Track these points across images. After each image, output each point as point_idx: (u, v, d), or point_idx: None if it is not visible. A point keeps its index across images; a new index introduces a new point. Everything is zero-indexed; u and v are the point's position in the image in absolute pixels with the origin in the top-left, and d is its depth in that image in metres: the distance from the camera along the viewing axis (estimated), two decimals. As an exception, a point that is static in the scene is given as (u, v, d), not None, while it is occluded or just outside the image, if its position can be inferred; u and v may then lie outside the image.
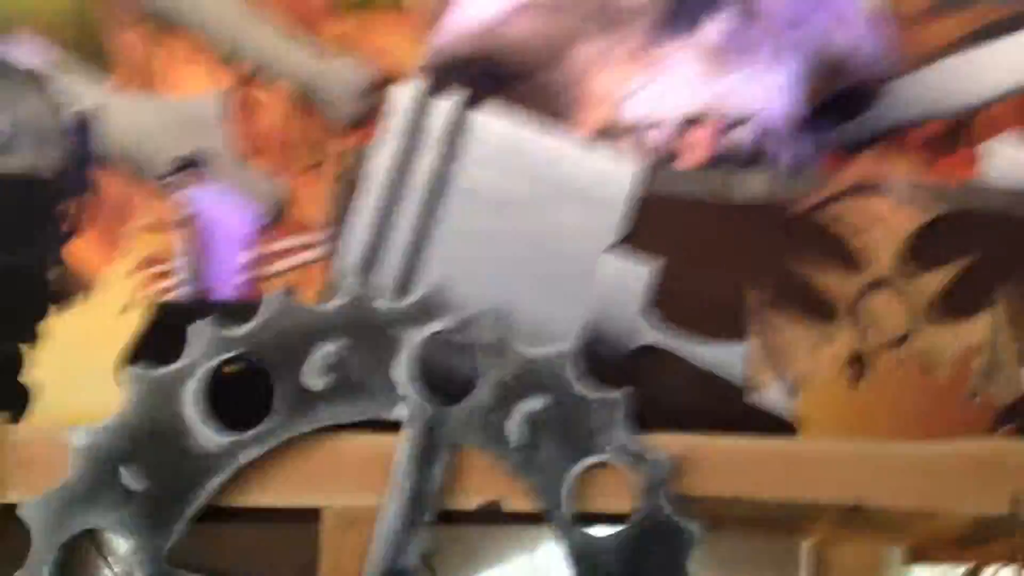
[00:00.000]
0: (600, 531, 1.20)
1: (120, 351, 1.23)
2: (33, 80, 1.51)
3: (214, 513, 1.17)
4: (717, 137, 1.78)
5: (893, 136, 2.62)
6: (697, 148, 1.77)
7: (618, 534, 1.19)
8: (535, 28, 1.99)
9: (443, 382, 1.23)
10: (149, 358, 1.19)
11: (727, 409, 1.42)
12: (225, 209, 2.17)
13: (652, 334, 1.46)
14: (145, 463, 1.13)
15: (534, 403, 1.21)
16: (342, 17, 2.81)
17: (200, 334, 1.18)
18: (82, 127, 1.53)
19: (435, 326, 1.22)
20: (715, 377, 1.45)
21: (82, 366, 1.21)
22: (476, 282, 1.39)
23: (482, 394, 1.21)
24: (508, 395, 1.21)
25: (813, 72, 2.01)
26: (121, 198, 2.38)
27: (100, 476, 1.12)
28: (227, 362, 1.18)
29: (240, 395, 1.18)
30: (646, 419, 1.25)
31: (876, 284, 1.49)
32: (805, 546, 1.35)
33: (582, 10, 1.94)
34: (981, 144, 2.05)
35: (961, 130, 2.79)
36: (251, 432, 1.16)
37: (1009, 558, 1.33)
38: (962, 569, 1.45)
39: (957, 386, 1.41)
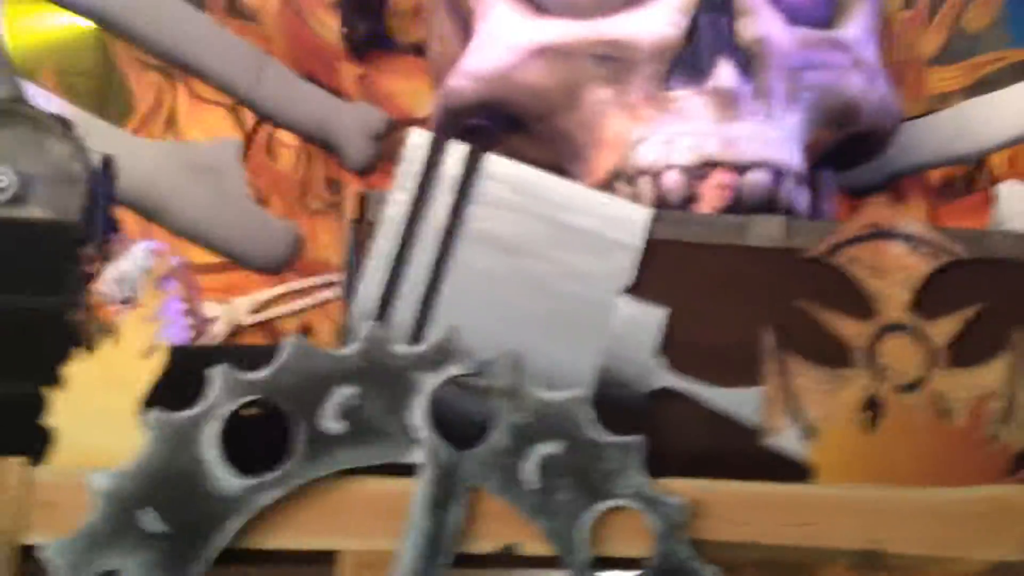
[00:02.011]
0: (616, 576, 1.20)
1: (140, 395, 1.24)
2: (56, 125, 1.53)
3: (233, 555, 1.18)
4: (732, 182, 1.80)
5: (904, 181, 2.64)
6: (713, 193, 1.78)
7: (634, 579, 1.20)
8: (548, 72, 2.01)
9: (459, 426, 1.24)
10: (168, 402, 1.20)
11: (742, 453, 1.42)
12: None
13: (666, 378, 1.47)
14: (165, 506, 1.13)
15: (549, 447, 1.22)
16: (358, 61, 2.85)
17: (219, 378, 1.19)
18: (103, 171, 1.55)
19: (451, 370, 1.24)
20: (730, 421, 1.46)
21: (103, 409, 1.22)
22: (491, 326, 1.40)
23: (498, 438, 1.22)
24: (523, 439, 1.22)
25: (824, 117, 2.03)
26: (142, 241, 2.40)
27: (121, 519, 1.13)
28: (246, 406, 1.20)
29: (259, 438, 1.19)
30: (661, 463, 1.25)
31: (890, 328, 1.50)
32: (821, 591, 1.34)
33: (594, 55, 1.97)
34: (991, 189, 2.07)
35: (972, 175, 2.82)
36: (269, 475, 1.17)
37: (1026, 604, 1.32)
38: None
39: (973, 431, 1.41)
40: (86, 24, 2.66)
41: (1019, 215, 1.85)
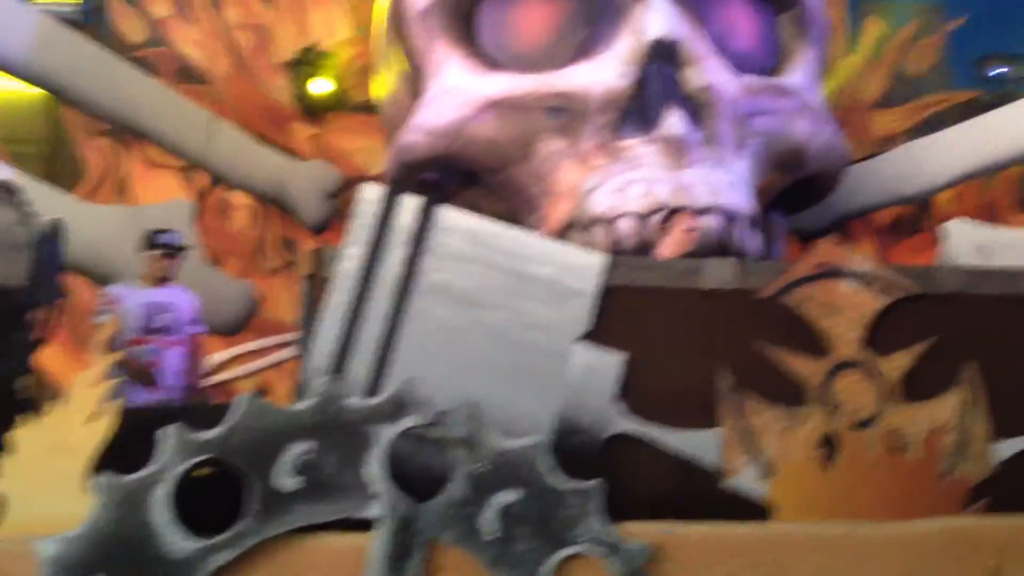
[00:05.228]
0: (579, 624, 1.19)
1: (88, 459, 1.22)
2: (2, 191, 1.52)
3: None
4: (697, 226, 1.81)
5: (852, 223, 2.68)
6: (680, 238, 1.80)
7: (597, 626, 1.18)
8: (501, 126, 2.03)
9: (416, 478, 1.23)
10: (118, 465, 1.18)
11: (701, 495, 1.42)
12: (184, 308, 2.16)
13: (624, 423, 1.47)
14: (114, 572, 1.11)
15: (508, 496, 1.21)
16: (310, 120, 2.87)
17: (169, 439, 1.17)
18: (51, 236, 1.54)
19: (407, 422, 1.22)
20: (688, 464, 1.46)
21: (50, 475, 1.20)
22: (447, 377, 1.39)
23: (456, 488, 1.21)
24: (482, 488, 1.21)
25: (772, 162, 2.07)
26: (89, 306, 2.38)
27: (69, 586, 1.10)
28: (197, 466, 1.18)
29: (212, 498, 1.17)
30: (620, 508, 1.25)
31: (844, 366, 1.51)
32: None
33: (546, 108, 1.99)
34: (938, 228, 2.11)
35: (918, 215, 2.87)
36: (221, 536, 1.15)
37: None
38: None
39: (928, 465, 1.42)
40: (34, 91, 2.66)
41: (967, 251, 1.87)
